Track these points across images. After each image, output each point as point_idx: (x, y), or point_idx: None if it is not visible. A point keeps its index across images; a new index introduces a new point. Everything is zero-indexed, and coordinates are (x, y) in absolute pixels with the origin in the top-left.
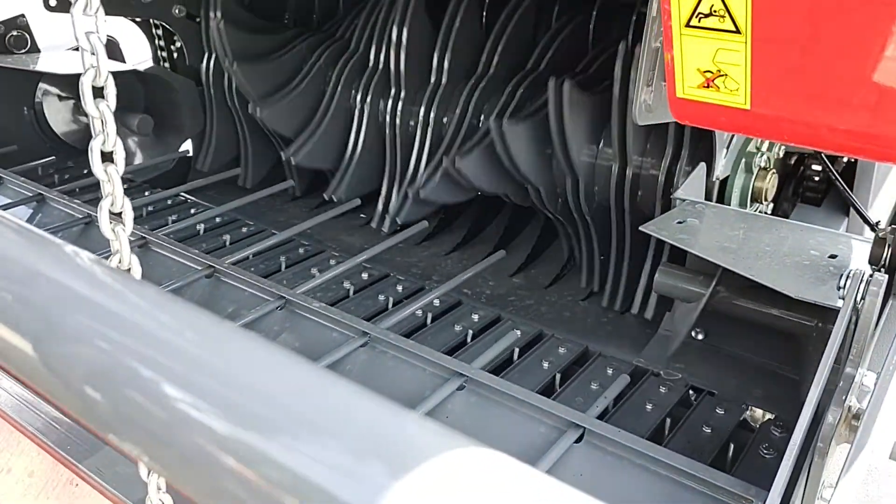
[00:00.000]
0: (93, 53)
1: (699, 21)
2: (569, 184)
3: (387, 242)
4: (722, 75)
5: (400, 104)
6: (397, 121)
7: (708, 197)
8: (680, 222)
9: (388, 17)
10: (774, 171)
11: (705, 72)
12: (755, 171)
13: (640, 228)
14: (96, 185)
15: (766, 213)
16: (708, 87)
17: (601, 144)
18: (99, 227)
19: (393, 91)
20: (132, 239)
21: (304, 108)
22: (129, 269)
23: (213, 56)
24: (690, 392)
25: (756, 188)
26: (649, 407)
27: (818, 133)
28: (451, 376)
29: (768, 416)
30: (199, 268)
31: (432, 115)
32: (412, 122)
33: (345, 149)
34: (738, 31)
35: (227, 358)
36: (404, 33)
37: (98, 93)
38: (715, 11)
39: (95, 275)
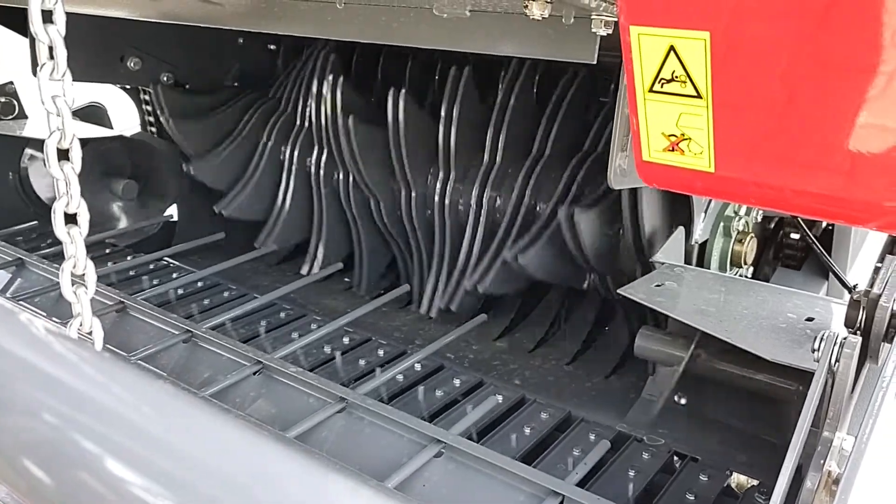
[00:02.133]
0: (58, 115)
1: (661, 86)
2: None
3: (368, 306)
4: (686, 139)
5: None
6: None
7: (688, 260)
8: (658, 285)
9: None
10: (753, 235)
11: (670, 135)
12: (734, 235)
13: (618, 291)
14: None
15: (746, 276)
16: (673, 150)
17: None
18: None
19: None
20: (110, 303)
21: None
22: (90, 332)
23: None
24: (674, 458)
25: (735, 252)
26: (632, 473)
27: (783, 196)
28: (429, 443)
29: (752, 482)
30: (177, 332)
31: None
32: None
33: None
34: (699, 96)
35: (186, 436)
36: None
37: (63, 155)
38: (676, 77)
39: (49, 344)
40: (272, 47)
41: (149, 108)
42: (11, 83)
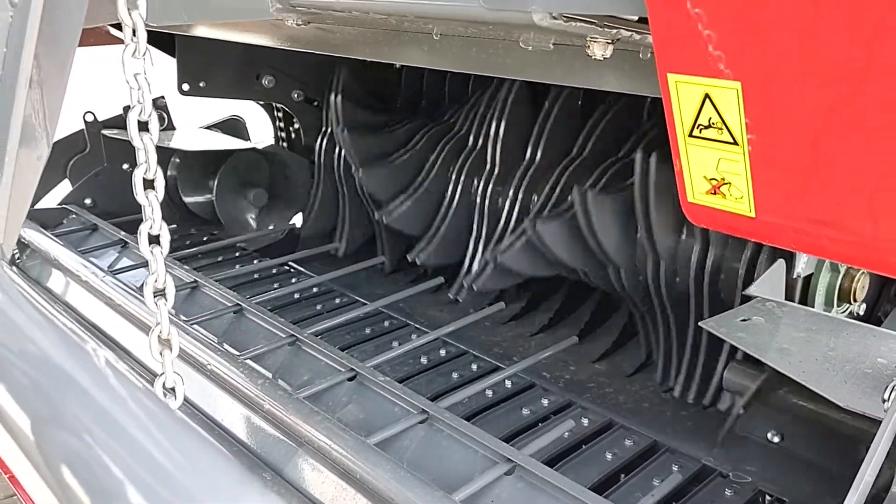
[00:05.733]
0: (139, 90)
1: (700, 131)
2: (650, 265)
3: (467, 319)
4: (726, 183)
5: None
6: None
7: (790, 294)
8: (744, 320)
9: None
10: (866, 270)
11: (711, 179)
12: (842, 269)
13: (700, 324)
14: (211, 252)
15: (857, 313)
16: (715, 193)
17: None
18: (139, 248)
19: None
20: (229, 305)
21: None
22: (163, 290)
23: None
24: (760, 498)
25: (843, 288)
26: None
27: (821, 244)
28: (500, 461)
29: None
30: (284, 336)
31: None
32: (501, 200)
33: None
34: (735, 143)
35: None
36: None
37: (143, 127)
38: (713, 123)
39: (107, 378)
40: (396, 65)
41: (281, 123)
42: (163, 97)
